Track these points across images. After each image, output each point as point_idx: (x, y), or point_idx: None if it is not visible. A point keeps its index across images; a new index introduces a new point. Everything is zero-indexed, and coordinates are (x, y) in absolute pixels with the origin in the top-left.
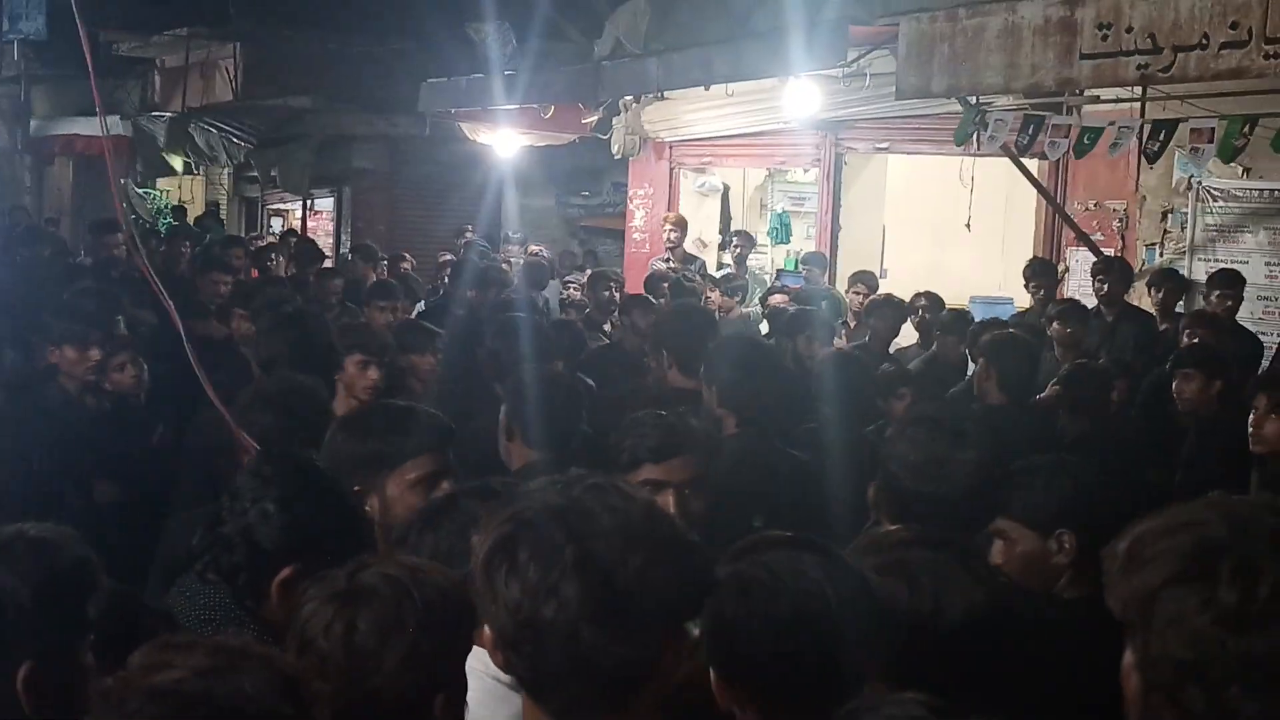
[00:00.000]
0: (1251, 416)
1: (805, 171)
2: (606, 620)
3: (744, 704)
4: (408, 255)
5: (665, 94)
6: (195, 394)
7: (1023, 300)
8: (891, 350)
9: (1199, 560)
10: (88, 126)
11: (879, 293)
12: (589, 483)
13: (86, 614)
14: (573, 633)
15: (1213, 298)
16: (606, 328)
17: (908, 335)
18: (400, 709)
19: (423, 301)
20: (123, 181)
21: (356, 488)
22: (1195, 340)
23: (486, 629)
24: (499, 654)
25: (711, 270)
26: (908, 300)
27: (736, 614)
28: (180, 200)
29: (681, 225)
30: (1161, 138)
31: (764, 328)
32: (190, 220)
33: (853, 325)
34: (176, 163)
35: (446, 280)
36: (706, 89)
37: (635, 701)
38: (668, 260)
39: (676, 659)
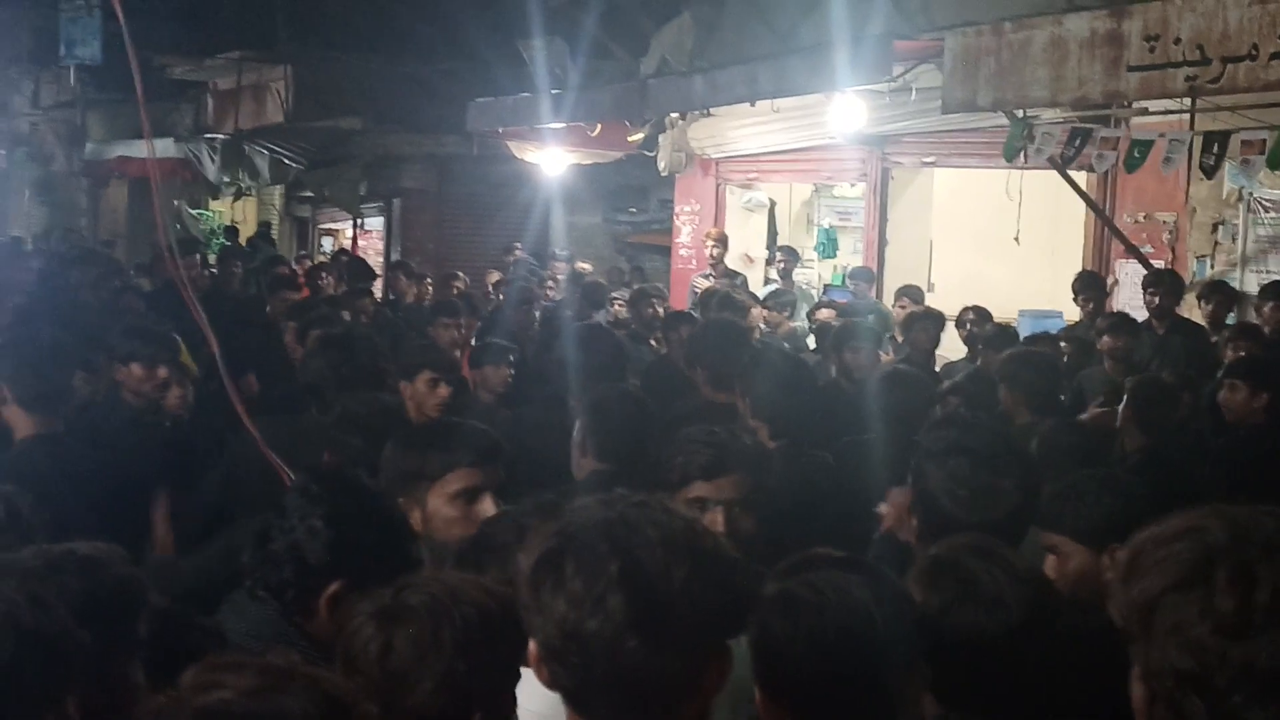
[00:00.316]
0: None
1: (852, 186)
2: (650, 631)
3: None
4: (460, 274)
5: (711, 110)
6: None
7: (1072, 313)
8: (941, 364)
9: (1197, 568)
10: (143, 149)
11: (918, 306)
12: (633, 500)
13: (136, 631)
14: (618, 643)
15: (1265, 310)
16: (652, 343)
17: (958, 349)
18: None
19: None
20: (176, 203)
21: (401, 500)
22: (1240, 353)
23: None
24: (543, 668)
25: (758, 286)
26: (955, 315)
27: (782, 631)
28: (233, 220)
29: (723, 241)
30: (1215, 150)
31: (811, 342)
32: (242, 240)
33: (899, 339)
34: (228, 184)
35: (502, 299)
36: (752, 105)
37: (676, 717)
38: (709, 276)
39: (719, 676)
